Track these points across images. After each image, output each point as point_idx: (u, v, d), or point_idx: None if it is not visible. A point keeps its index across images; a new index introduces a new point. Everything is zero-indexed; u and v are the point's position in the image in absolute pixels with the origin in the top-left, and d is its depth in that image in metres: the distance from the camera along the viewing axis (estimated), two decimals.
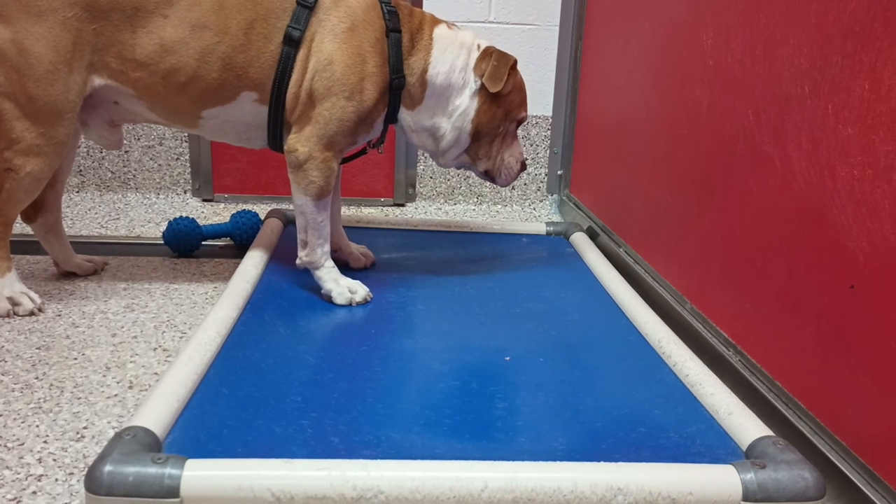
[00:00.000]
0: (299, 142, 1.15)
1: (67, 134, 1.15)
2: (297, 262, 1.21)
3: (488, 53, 1.22)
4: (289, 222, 1.58)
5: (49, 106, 1.12)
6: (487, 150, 1.27)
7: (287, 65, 1.15)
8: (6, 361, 1.04)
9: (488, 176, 1.31)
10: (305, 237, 1.19)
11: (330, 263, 1.20)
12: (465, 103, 1.22)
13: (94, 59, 1.13)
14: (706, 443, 0.81)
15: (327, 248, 1.20)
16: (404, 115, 1.23)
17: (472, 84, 1.22)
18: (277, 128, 1.20)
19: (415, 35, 1.20)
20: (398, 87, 1.20)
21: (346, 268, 1.34)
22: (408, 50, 1.20)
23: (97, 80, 1.14)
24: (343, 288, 1.19)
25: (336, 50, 1.14)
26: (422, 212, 1.99)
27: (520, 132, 2.01)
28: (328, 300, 1.19)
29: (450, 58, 1.21)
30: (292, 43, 1.15)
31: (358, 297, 1.19)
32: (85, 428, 0.89)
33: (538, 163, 2.05)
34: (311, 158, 1.15)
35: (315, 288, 1.21)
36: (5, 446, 0.84)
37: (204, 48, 1.13)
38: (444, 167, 1.41)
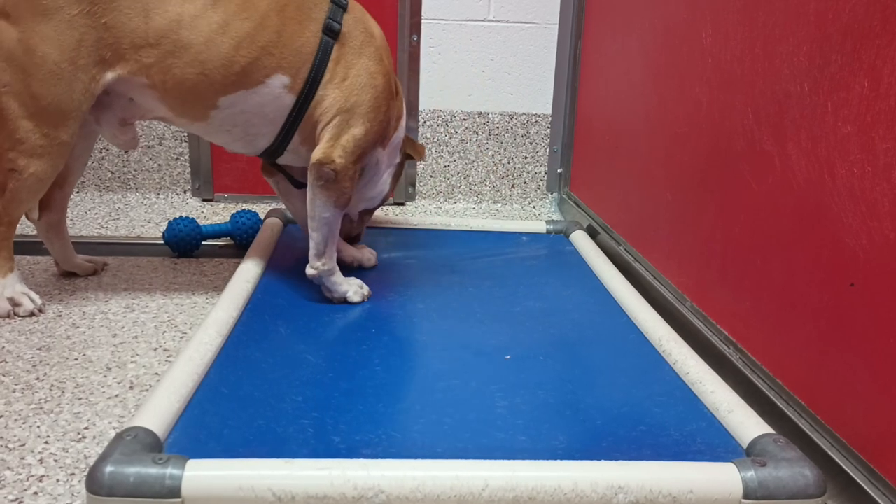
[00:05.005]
0: (336, 151, 1.12)
1: (72, 135, 1.14)
2: (311, 272, 1.17)
3: None
4: (288, 221, 1.58)
5: (53, 106, 1.10)
6: None
7: (325, 55, 1.13)
8: (7, 362, 1.04)
9: None
10: (324, 248, 1.16)
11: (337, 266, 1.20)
12: None
13: (105, 55, 1.09)
14: (707, 441, 0.81)
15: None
16: None
17: None
18: (296, 124, 1.16)
19: None
20: None
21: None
22: None
23: (109, 75, 1.10)
24: (354, 286, 1.20)
25: (371, 63, 1.16)
26: (422, 210, 1.99)
27: (519, 130, 2.02)
28: (341, 302, 1.18)
29: None
30: (332, 34, 1.13)
31: (365, 290, 1.20)
32: (86, 428, 0.89)
33: (538, 161, 2.05)
34: (345, 169, 1.13)
35: (315, 287, 1.21)
36: (6, 447, 0.84)
37: (226, 23, 1.08)
38: None
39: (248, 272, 1.22)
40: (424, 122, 1.99)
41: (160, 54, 1.08)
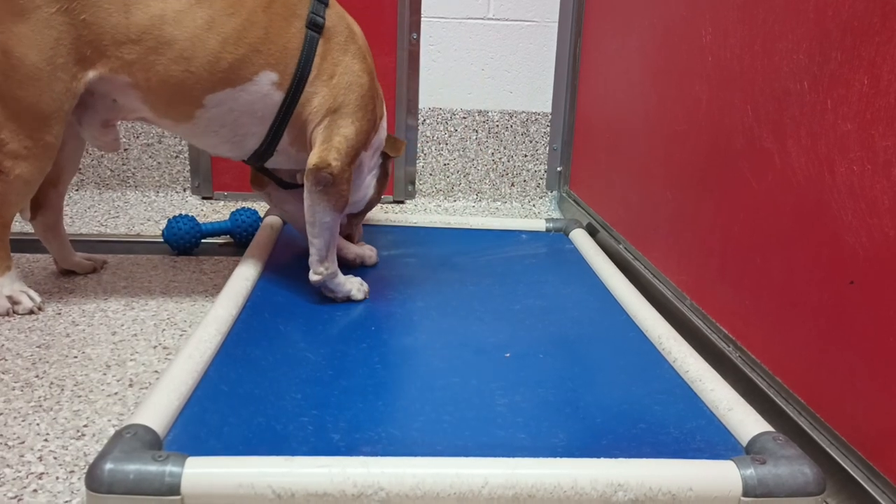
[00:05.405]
0: (330, 154, 1.11)
1: (56, 135, 1.11)
2: (315, 278, 1.16)
3: None
4: None
5: (34, 108, 1.08)
6: None
7: (311, 50, 1.12)
8: (6, 360, 1.04)
9: None
10: (326, 253, 1.15)
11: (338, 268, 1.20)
12: None
13: (85, 52, 1.07)
14: (706, 438, 0.81)
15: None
16: None
17: None
18: (284, 123, 1.15)
19: None
20: None
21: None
22: None
23: (91, 74, 1.08)
24: (356, 284, 1.20)
25: (356, 61, 1.15)
26: (421, 209, 1.99)
27: (519, 128, 2.02)
28: (345, 301, 1.18)
29: None
30: (316, 29, 1.12)
31: (366, 287, 1.21)
32: (85, 426, 0.89)
33: (538, 159, 2.05)
34: (342, 172, 1.11)
35: (315, 287, 1.21)
36: (6, 444, 0.84)
37: (212, 19, 1.07)
38: None
39: (247, 270, 1.22)
40: (424, 120, 1.99)
41: (142, 51, 1.07)
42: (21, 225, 1.48)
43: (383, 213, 1.75)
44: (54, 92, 1.08)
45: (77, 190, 1.93)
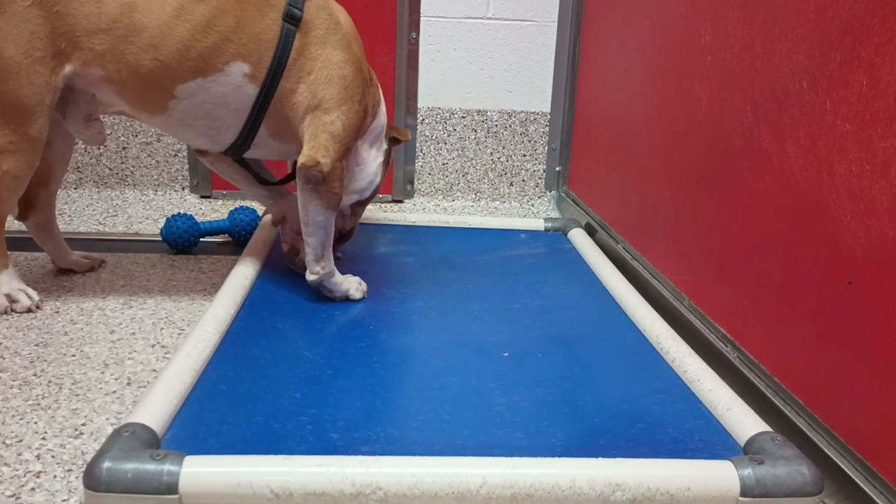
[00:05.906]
0: (319, 152, 1.09)
1: (40, 129, 1.11)
2: (312, 278, 1.16)
3: None
4: None
5: (16, 101, 1.07)
6: None
7: (287, 43, 1.10)
8: (4, 358, 1.04)
9: None
10: (322, 252, 1.15)
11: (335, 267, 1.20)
12: None
13: (60, 45, 1.07)
14: (704, 438, 0.81)
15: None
16: None
17: None
18: (260, 117, 1.14)
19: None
20: None
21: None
22: None
23: (68, 68, 1.08)
24: (354, 283, 1.19)
25: (337, 52, 1.13)
26: (420, 208, 1.99)
27: (518, 128, 2.02)
28: (343, 300, 1.18)
29: None
30: (293, 21, 1.11)
31: (364, 287, 1.20)
32: (83, 425, 0.89)
33: (536, 159, 2.05)
34: (332, 169, 1.10)
35: (313, 286, 1.21)
36: (4, 443, 0.84)
37: (181, 6, 1.06)
38: None
39: (245, 269, 1.22)
40: (423, 119, 1.98)
41: (112, 40, 1.07)
42: (19, 223, 1.48)
43: (382, 213, 1.75)
44: (34, 85, 1.08)
45: (75, 188, 1.92)
